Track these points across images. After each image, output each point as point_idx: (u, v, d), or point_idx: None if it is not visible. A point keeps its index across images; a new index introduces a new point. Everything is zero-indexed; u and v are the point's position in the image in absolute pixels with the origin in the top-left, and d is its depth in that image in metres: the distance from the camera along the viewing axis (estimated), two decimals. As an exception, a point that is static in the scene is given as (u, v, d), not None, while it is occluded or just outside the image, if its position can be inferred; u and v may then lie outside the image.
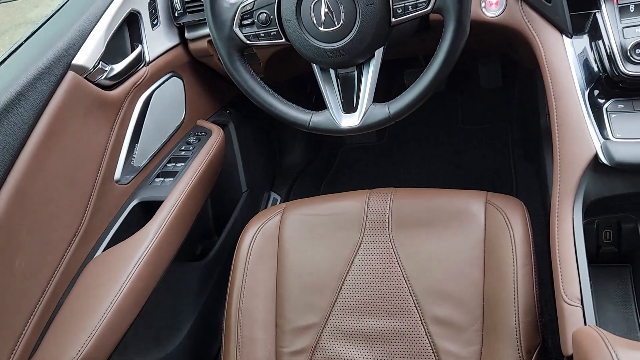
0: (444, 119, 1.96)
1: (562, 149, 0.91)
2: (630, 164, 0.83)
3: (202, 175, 1.19)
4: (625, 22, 0.91)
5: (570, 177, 0.87)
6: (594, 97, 0.92)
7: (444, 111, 1.96)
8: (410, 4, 0.86)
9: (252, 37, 0.96)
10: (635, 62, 0.88)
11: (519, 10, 1.02)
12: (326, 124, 0.97)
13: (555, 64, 0.96)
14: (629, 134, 0.87)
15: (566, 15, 0.96)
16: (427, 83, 0.89)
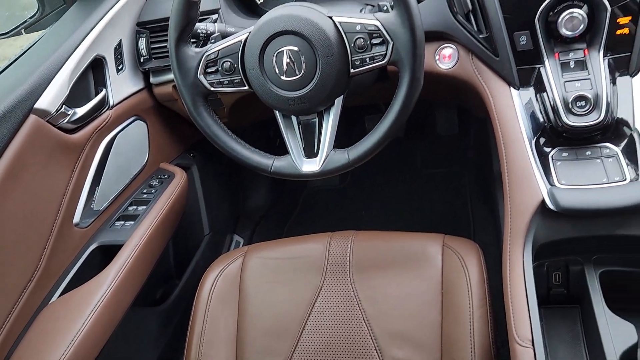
0: (403, 163, 2.02)
1: (511, 195, 0.95)
2: (575, 209, 0.88)
3: (163, 219, 1.19)
4: (567, 76, 0.98)
5: (519, 222, 0.92)
6: (540, 146, 0.98)
7: (403, 156, 2.02)
8: (368, 57, 0.91)
9: (216, 84, 0.98)
10: (576, 114, 0.94)
11: (470, 63, 1.08)
12: (288, 169, 0.99)
13: (503, 114, 1.02)
14: (573, 180, 0.92)
15: (513, 69, 1.02)
16: (384, 131, 0.93)
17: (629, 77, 0.98)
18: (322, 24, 0.90)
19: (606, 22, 0.95)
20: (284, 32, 0.91)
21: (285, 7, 0.93)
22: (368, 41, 0.89)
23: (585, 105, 0.94)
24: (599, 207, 0.86)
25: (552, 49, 1.01)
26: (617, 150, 0.94)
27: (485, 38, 1.04)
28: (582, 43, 0.99)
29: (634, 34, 0.96)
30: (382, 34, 0.88)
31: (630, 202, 0.85)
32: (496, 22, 1.01)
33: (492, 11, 1.01)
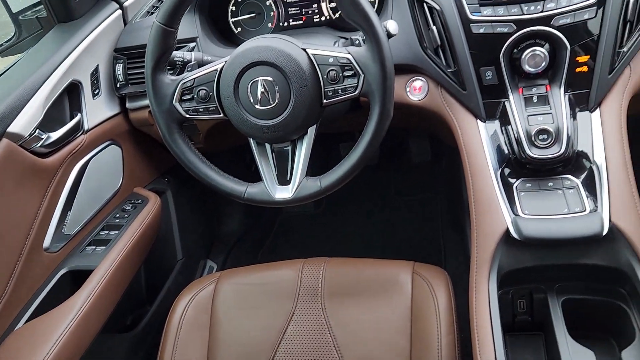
0: (377, 190, 2.05)
1: (478, 223, 0.98)
2: (537, 238, 0.91)
3: (135, 244, 1.19)
4: (530, 110, 1.02)
5: (485, 250, 0.94)
6: (505, 177, 1.02)
7: (377, 183, 2.06)
8: (340, 88, 0.93)
9: (191, 111, 1.00)
10: (538, 147, 0.98)
11: (439, 96, 1.12)
12: (260, 196, 1.01)
13: (470, 145, 1.06)
14: (536, 210, 0.96)
15: (479, 102, 1.07)
16: (356, 160, 0.95)
17: (588, 113, 1.02)
18: (296, 56, 0.92)
19: (566, 60, 1.01)
20: (259, 63, 0.93)
21: (261, 38, 0.96)
22: (340, 73, 0.92)
23: (547, 138, 0.98)
24: (559, 236, 0.90)
25: (516, 84, 1.05)
26: (578, 182, 0.98)
27: (453, 72, 1.08)
28: (545, 79, 1.04)
29: (592, 72, 1.01)
30: (353, 67, 0.91)
31: (588, 233, 0.89)
32: (463, 58, 1.05)
33: (460, 47, 1.05)
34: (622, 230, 0.90)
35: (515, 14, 1.01)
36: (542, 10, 1.00)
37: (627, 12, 0.99)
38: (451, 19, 1.05)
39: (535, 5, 1.00)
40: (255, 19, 1.32)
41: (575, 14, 0.99)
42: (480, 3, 1.03)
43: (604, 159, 0.97)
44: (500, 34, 1.02)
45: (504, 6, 1.02)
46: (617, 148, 0.98)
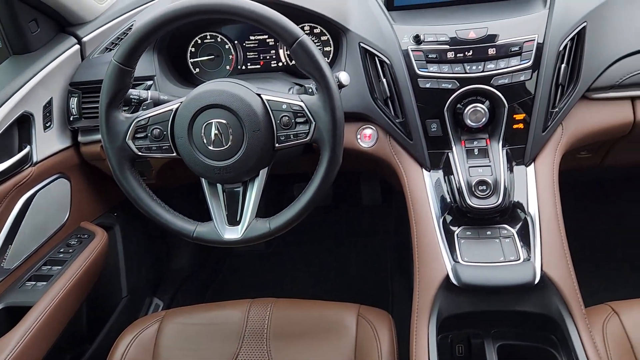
0: (329, 231, 2.08)
1: (420, 269, 1.02)
2: (475, 285, 0.95)
3: (79, 280, 1.16)
4: (471, 162, 1.08)
5: (426, 295, 0.98)
6: (447, 224, 1.06)
7: (329, 224, 2.09)
8: (292, 134, 0.97)
9: (144, 149, 1.01)
10: (478, 197, 1.04)
11: (388, 144, 1.18)
12: (210, 235, 1.01)
13: (415, 192, 1.10)
14: (474, 258, 1.00)
15: (425, 152, 1.12)
16: (305, 203, 0.98)
17: (524, 167, 1.10)
18: (250, 101, 0.95)
19: (504, 117, 1.08)
20: (215, 106, 0.96)
21: (217, 82, 0.99)
22: (293, 120, 0.96)
23: (486, 189, 1.04)
24: (495, 284, 0.94)
25: (459, 137, 1.12)
26: (514, 232, 1.04)
27: (401, 123, 1.13)
28: (485, 133, 1.11)
29: (527, 129, 1.09)
30: (305, 114, 0.95)
31: (521, 281, 0.94)
32: (410, 110, 1.11)
33: (407, 100, 1.11)
34: (552, 279, 0.95)
35: (458, 72, 1.08)
36: (482, 70, 1.07)
37: (559, 76, 1.07)
38: (400, 73, 1.11)
39: (477, 65, 1.08)
40: (214, 61, 1.36)
41: (513, 75, 1.07)
42: (427, 60, 1.10)
43: (537, 211, 1.04)
44: (444, 89, 1.09)
45: (448, 64, 1.09)
46: (550, 201, 1.04)
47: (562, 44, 1.07)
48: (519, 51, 1.07)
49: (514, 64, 1.07)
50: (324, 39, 1.29)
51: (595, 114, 1.13)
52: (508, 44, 1.07)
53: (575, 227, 1.89)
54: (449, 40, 1.09)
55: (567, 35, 1.07)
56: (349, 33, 1.18)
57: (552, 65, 1.07)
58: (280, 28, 0.91)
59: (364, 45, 1.15)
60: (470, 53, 1.08)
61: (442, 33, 1.10)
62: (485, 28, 1.09)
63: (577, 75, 1.09)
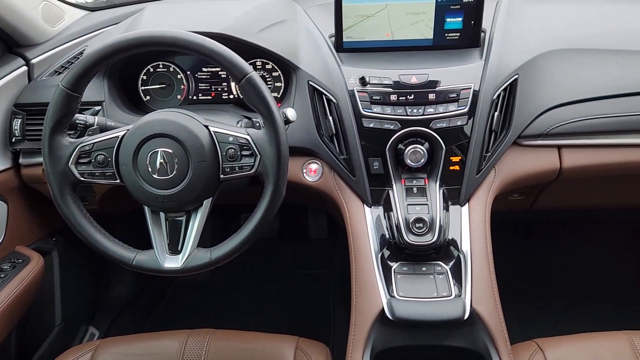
0: (274, 262, 2.08)
1: (357, 302, 1.05)
2: (408, 319, 0.99)
3: (9, 306, 1.12)
4: (410, 200, 1.13)
5: (361, 328, 1.00)
6: (385, 259, 1.10)
7: (276, 255, 2.10)
8: (237, 166, 0.99)
9: (87, 174, 1.00)
10: (415, 234, 1.08)
11: (332, 179, 1.21)
12: (149, 264, 1.01)
13: (356, 227, 1.14)
14: (410, 293, 1.04)
15: (367, 189, 1.17)
16: (247, 235, 1.00)
17: (459, 206, 1.15)
18: (197, 132, 0.97)
19: (441, 158, 1.14)
20: (161, 135, 0.97)
21: (165, 111, 1.00)
22: (239, 152, 0.98)
23: (423, 227, 1.08)
24: (428, 318, 0.98)
25: (399, 175, 1.17)
26: (447, 268, 1.08)
27: (345, 159, 1.18)
28: (424, 173, 1.17)
29: (463, 171, 1.15)
30: (251, 148, 0.98)
31: (452, 316, 0.98)
32: (354, 147, 1.16)
33: (352, 138, 1.16)
34: (481, 315, 1.00)
35: (400, 114, 1.14)
36: (423, 114, 1.13)
37: (493, 123, 1.15)
38: (346, 112, 1.16)
39: (418, 109, 1.14)
40: (165, 90, 1.37)
41: (450, 119, 1.13)
42: (371, 101, 1.15)
43: (469, 249, 1.09)
44: (387, 130, 1.14)
45: (391, 106, 1.14)
46: (481, 240, 1.10)
47: (496, 93, 1.14)
48: (457, 98, 1.14)
49: (451, 109, 1.13)
50: (275, 75, 1.33)
51: (525, 160, 1.21)
52: (447, 91, 1.14)
53: (506, 266, 1.98)
54: (392, 84, 1.15)
55: (500, 85, 1.15)
56: (299, 71, 1.22)
57: (486, 112, 1.14)
58: (229, 63, 0.94)
59: (313, 83, 1.20)
60: (412, 97, 1.14)
61: (387, 77, 1.16)
62: (427, 74, 1.15)
63: (509, 123, 1.16)
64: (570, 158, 1.21)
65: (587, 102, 1.19)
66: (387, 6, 1.22)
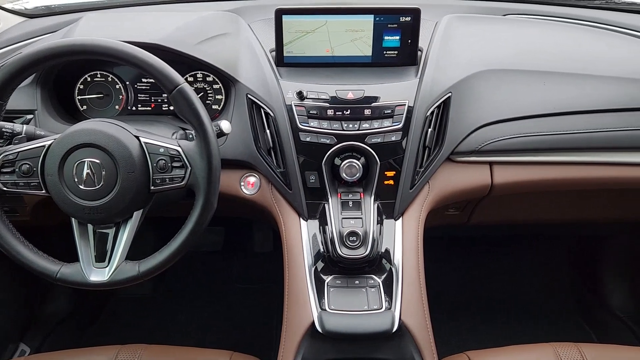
0: (219, 276, 2.06)
1: (288, 315, 1.05)
2: (337, 332, 0.99)
3: None
4: (345, 214, 1.14)
5: (291, 341, 1.00)
6: (319, 273, 1.11)
7: (220, 270, 2.07)
8: (168, 177, 0.98)
9: (10, 184, 0.97)
10: (348, 247, 1.09)
11: (270, 192, 1.21)
12: (74, 277, 0.98)
13: (291, 240, 1.14)
14: (341, 306, 1.05)
15: (303, 202, 1.17)
16: (176, 247, 0.98)
17: (393, 220, 1.17)
18: (127, 142, 0.96)
19: (376, 173, 1.16)
20: (88, 145, 0.95)
21: (94, 121, 0.99)
22: (169, 163, 0.97)
23: (356, 240, 1.10)
24: (356, 331, 0.99)
25: (336, 189, 1.18)
26: (380, 282, 1.10)
27: (282, 172, 1.18)
28: (360, 187, 1.18)
29: (397, 185, 1.17)
30: (182, 159, 0.97)
31: (380, 329, 0.99)
32: (291, 161, 1.16)
33: (289, 151, 1.16)
34: (409, 328, 1.02)
35: (336, 129, 1.15)
36: (358, 129, 1.15)
37: (426, 139, 1.18)
38: (283, 125, 1.17)
39: (353, 124, 1.15)
40: (103, 100, 1.34)
41: (385, 135, 1.16)
42: (308, 115, 1.16)
43: (401, 262, 1.11)
44: (323, 144, 1.15)
45: (328, 121, 1.16)
46: (413, 253, 1.12)
47: (429, 110, 1.17)
48: (391, 114, 1.16)
49: (386, 125, 1.16)
50: (216, 88, 1.33)
51: (459, 176, 1.24)
52: (382, 107, 1.16)
53: (446, 280, 2.03)
54: (329, 99, 1.17)
55: (434, 102, 1.18)
56: (238, 84, 1.22)
57: (420, 128, 1.17)
58: (160, 74, 0.94)
59: (251, 96, 1.20)
60: (348, 112, 1.16)
61: (324, 91, 1.18)
62: (363, 90, 1.18)
63: (442, 139, 1.20)
64: (501, 174, 1.25)
65: (517, 121, 1.23)
66: (327, 23, 1.24)
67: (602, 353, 1.12)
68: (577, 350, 1.12)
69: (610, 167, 1.26)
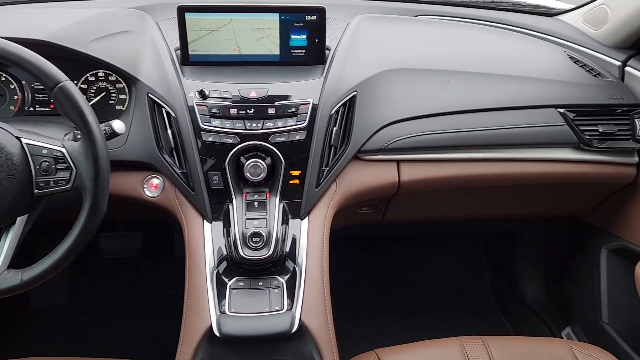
0: (139, 283, 1.99)
1: (186, 320, 1.01)
2: (234, 336, 0.97)
3: None
4: (249, 214, 1.12)
5: (188, 347, 0.97)
6: (221, 275, 1.08)
7: (139, 276, 2.00)
8: (52, 180, 0.93)
9: None
10: (251, 248, 1.07)
11: (173, 194, 1.18)
12: (-51, 287, 0.92)
13: (193, 243, 1.11)
14: (242, 309, 1.02)
15: (206, 203, 1.14)
16: (61, 255, 0.93)
17: (299, 220, 1.16)
18: (5, 143, 0.91)
19: (282, 173, 1.14)
20: None
21: None
22: (53, 165, 0.92)
23: (259, 241, 1.08)
24: (254, 334, 0.97)
25: (241, 189, 1.16)
26: (283, 282, 1.08)
27: (184, 174, 1.15)
28: (266, 187, 1.17)
29: (302, 185, 1.16)
30: (66, 161, 0.92)
31: (279, 330, 0.98)
32: (193, 161, 1.13)
33: (190, 151, 1.13)
34: (309, 328, 1.01)
35: (239, 128, 1.13)
36: (262, 128, 1.14)
37: (332, 137, 1.17)
38: (184, 125, 1.13)
39: (257, 123, 1.14)
40: (-3, 100, 1.27)
41: (289, 134, 1.14)
42: (210, 115, 1.14)
43: (305, 262, 1.10)
44: (226, 144, 1.13)
45: (230, 120, 1.14)
46: (317, 253, 1.11)
47: (334, 108, 1.17)
48: (295, 112, 1.15)
49: (290, 124, 1.15)
50: (119, 87, 1.28)
51: (366, 174, 1.24)
52: (285, 105, 1.15)
53: (361, 279, 2.04)
54: (232, 98, 1.14)
55: (339, 101, 1.18)
56: (138, 83, 1.18)
57: (324, 127, 1.16)
58: (39, 71, 0.89)
59: (152, 95, 1.16)
60: (252, 111, 1.14)
61: (226, 90, 1.15)
62: (267, 89, 1.16)
63: (348, 138, 1.20)
64: (408, 172, 1.27)
65: (421, 119, 1.25)
66: (232, 20, 1.22)
67: (505, 345, 1.16)
68: (482, 344, 1.15)
69: (511, 163, 1.30)
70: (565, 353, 1.12)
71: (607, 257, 1.53)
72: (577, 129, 1.29)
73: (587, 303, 1.61)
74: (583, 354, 1.12)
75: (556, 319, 1.79)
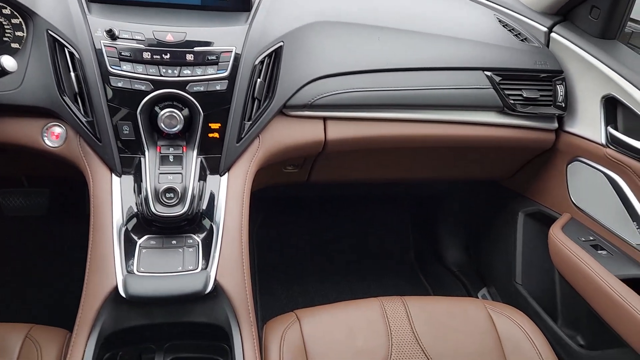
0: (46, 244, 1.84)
1: (88, 281, 0.93)
2: (142, 296, 0.90)
3: None
4: (163, 169, 1.04)
5: (89, 310, 0.89)
6: (129, 233, 1.00)
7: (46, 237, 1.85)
8: None
9: None
10: (164, 204, 0.99)
11: (78, 145, 1.07)
12: None
13: (99, 198, 1.02)
14: (152, 268, 0.95)
15: (115, 156, 1.04)
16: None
17: (218, 176, 1.09)
18: None
19: (199, 125, 1.06)
20: None
21: None
22: None
23: (173, 197, 1.00)
24: (164, 294, 0.90)
25: (155, 142, 1.07)
26: (199, 241, 1.02)
27: (90, 122, 1.04)
28: (183, 140, 1.08)
29: (222, 139, 1.09)
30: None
31: (192, 290, 0.91)
32: (100, 109, 1.03)
33: (97, 98, 1.03)
34: (225, 288, 0.95)
35: (153, 74, 1.03)
36: (178, 75, 1.04)
37: (255, 89, 1.10)
38: (90, 68, 1.02)
39: (173, 69, 1.04)
40: None
41: (209, 83, 1.06)
42: (120, 58, 1.03)
43: (222, 221, 1.03)
44: (137, 91, 1.03)
45: (143, 65, 1.03)
46: (236, 211, 1.05)
47: (258, 59, 1.10)
48: (216, 60, 1.07)
49: (210, 73, 1.06)
50: (15, 22, 1.13)
51: (292, 130, 1.19)
52: (206, 52, 1.06)
53: (291, 240, 2.01)
54: (144, 40, 1.04)
55: (263, 51, 1.11)
56: (36, 17, 1.05)
57: (247, 78, 1.09)
58: None
59: (52, 32, 1.04)
60: (168, 56, 1.05)
61: (139, 32, 1.05)
62: (184, 33, 1.07)
63: (272, 91, 1.13)
64: (334, 130, 1.22)
65: (349, 75, 1.20)
66: (148, -45, 1.10)
67: (423, 304, 1.16)
68: (401, 303, 1.15)
69: (437, 125, 1.29)
70: (480, 311, 1.14)
71: (524, 220, 1.58)
72: (502, 93, 1.29)
73: (503, 265, 1.66)
74: (496, 312, 1.15)
75: (474, 280, 1.84)
